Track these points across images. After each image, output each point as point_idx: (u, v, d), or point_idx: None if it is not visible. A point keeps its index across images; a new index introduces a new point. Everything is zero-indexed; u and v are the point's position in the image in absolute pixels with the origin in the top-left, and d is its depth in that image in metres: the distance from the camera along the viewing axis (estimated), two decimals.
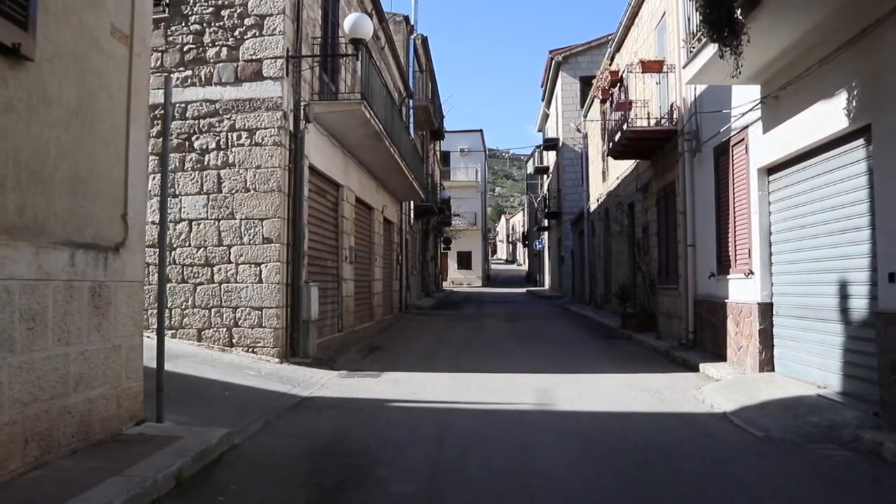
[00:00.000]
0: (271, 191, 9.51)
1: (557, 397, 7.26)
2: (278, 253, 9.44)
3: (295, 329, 9.77)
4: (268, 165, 9.54)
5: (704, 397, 7.09)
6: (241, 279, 9.51)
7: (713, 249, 9.46)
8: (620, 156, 13.36)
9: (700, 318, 10.11)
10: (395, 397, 7.37)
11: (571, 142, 31.12)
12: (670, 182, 11.88)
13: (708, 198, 9.74)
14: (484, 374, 8.84)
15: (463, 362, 9.99)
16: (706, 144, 9.73)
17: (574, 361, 10.06)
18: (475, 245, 51.80)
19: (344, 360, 10.15)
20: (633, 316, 13.65)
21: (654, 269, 13.31)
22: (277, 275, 9.41)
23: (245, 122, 9.65)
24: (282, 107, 9.58)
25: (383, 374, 8.92)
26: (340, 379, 8.54)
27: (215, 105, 9.75)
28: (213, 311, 9.55)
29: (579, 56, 31.85)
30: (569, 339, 13.22)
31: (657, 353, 10.80)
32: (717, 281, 9.34)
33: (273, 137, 9.55)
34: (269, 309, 9.39)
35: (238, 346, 9.45)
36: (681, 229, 11.03)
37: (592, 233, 22.56)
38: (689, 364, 9.24)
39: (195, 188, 9.74)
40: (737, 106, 8.42)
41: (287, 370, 8.82)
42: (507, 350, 11.49)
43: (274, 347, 9.36)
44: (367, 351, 11.35)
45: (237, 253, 9.55)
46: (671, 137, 11.50)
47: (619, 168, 17.05)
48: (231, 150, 9.67)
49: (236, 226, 9.58)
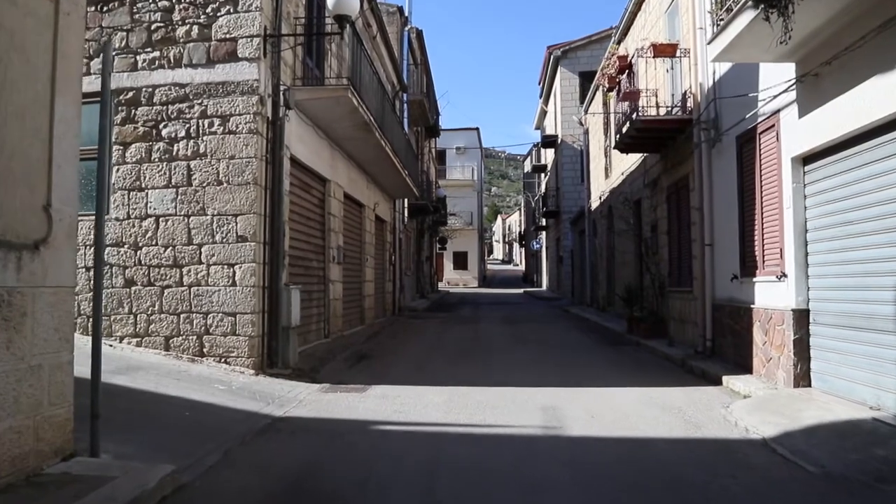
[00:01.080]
0: (246, 183, 8.57)
1: (567, 417, 6.34)
2: (254, 253, 8.51)
3: (273, 337, 8.83)
4: (242, 155, 8.60)
5: (736, 418, 6.18)
6: (212, 282, 8.57)
7: (735, 249, 8.57)
8: (628, 149, 12.46)
9: (719, 325, 9.21)
10: (380, 417, 6.44)
11: (570, 139, 30.26)
12: (683, 176, 10.99)
13: (729, 192, 8.85)
14: (482, 387, 7.92)
15: (459, 373, 9.07)
16: (727, 133, 8.82)
17: (581, 372, 9.16)
18: (471, 245, 50.93)
19: (328, 371, 9.22)
20: (640, 320, 12.75)
21: (663, 271, 12.41)
22: (253, 277, 8.48)
23: (218, 108, 8.71)
24: (258, 91, 8.64)
25: (370, 387, 8.00)
26: (321, 394, 7.60)
27: (185, 89, 8.80)
28: (183, 317, 8.61)
29: (579, 51, 30.97)
30: (573, 346, 12.31)
31: (671, 362, 9.90)
32: (740, 284, 8.44)
33: (248, 124, 8.61)
34: (243, 315, 8.45)
35: (209, 355, 8.51)
36: (696, 227, 10.13)
37: (594, 232, 21.67)
38: (710, 376, 8.34)
39: (163, 181, 8.79)
40: (765, 88, 7.52)
41: (262, 383, 7.89)
42: (506, 358, 10.57)
43: (249, 357, 8.42)
44: (355, 359, 10.43)
45: (208, 253, 8.61)
46: (685, 128, 10.61)
47: (623, 163, 16.16)
48: (202, 138, 8.73)
49: (208, 222, 8.64)
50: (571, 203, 29.42)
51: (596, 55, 29.22)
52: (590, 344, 12.62)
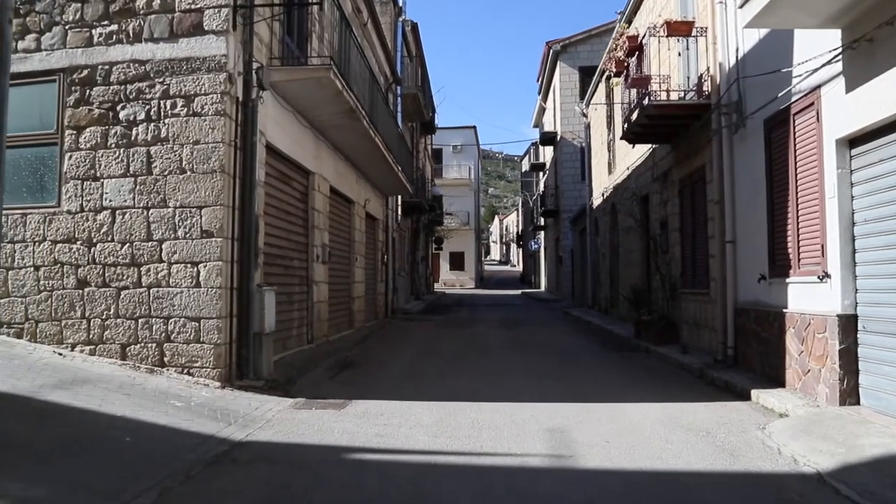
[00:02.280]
0: (212, 172, 7.60)
1: (577, 443, 5.38)
2: (220, 250, 7.54)
3: (243, 344, 7.86)
4: (208, 140, 7.63)
5: (777, 443, 5.24)
6: (174, 282, 7.60)
7: (763, 246, 7.62)
8: (637, 139, 11.52)
9: (743, 331, 8.27)
10: (358, 443, 5.47)
11: (570, 135, 29.35)
12: (698, 168, 10.04)
13: (754, 182, 7.91)
14: (478, 403, 6.96)
15: (452, 385, 8.11)
16: (753, 117, 7.88)
17: (588, 383, 8.20)
18: (468, 245, 49.98)
19: (306, 382, 8.25)
20: (649, 324, 11.80)
21: (675, 271, 11.47)
22: (219, 277, 7.51)
23: (181, 87, 7.74)
24: (226, 67, 7.67)
25: (350, 402, 7.03)
26: (294, 411, 6.63)
27: (145, 66, 7.84)
28: (141, 323, 7.64)
29: (579, 45, 30.07)
30: (577, 352, 11.36)
31: (687, 371, 8.95)
32: (769, 285, 7.50)
33: (215, 105, 7.65)
34: (208, 320, 7.48)
35: (171, 365, 7.54)
36: (714, 223, 9.19)
37: (596, 230, 20.72)
38: (735, 389, 7.40)
39: (120, 169, 7.82)
40: (802, 62, 6.58)
41: (227, 399, 6.92)
42: (505, 367, 9.61)
43: (214, 368, 7.45)
44: (338, 368, 9.45)
45: (170, 249, 7.64)
46: (700, 115, 9.66)
47: (628, 157, 15.22)
48: (164, 121, 7.76)
49: (169, 216, 7.67)
50: (571, 202, 28.50)
51: (597, 50, 28.34)
52: (595, 350, 11.66)
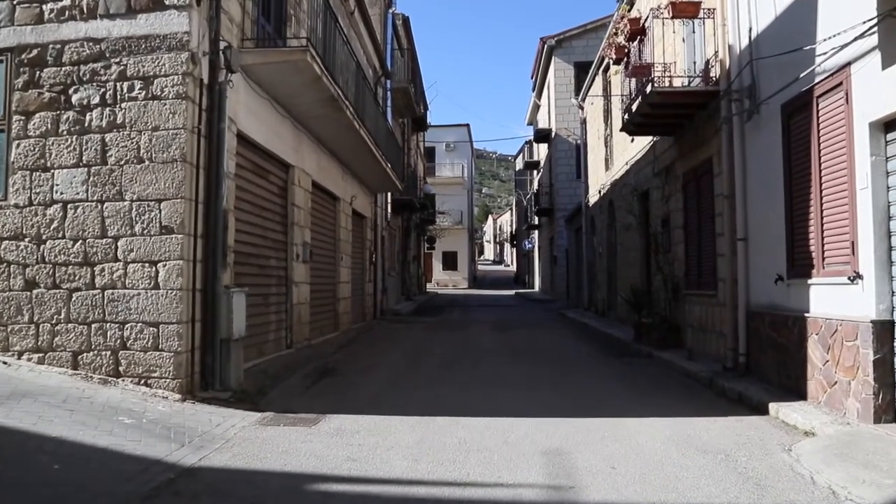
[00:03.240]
0: (172, 161, 6.86)
1: (580, 470, 4.68)
2: (181, 247, 6.79)
3: (208, 352, 7.13)
4: (168, 126, 6.89)
5: (809, 469, 4.55)
6: (131, 283, 6.86)
7: (780, 243, 6.94)
8: (638, 130, 10.85)
9: (756, 336, 7.59)
10: (327, 469, 4.75)
11: (565, 132, 28.72)
12: (704, 160, 9.36)
13: (769, 174, 7.23)
14: (466, 418, 6.25)
15: (439, 396, 7.40)
16: (768, 102, 7.20)
17: (589, 394, 7.51)
18: (461, 245, 49.30)
19: (278, 393, 7.53)
20: (651, 328, 11.13)
21: (678, 271, 10.79)
22: (179, 277, 6.77)
23: (140, 68, 7.00)
24: (189, 46, 6.93)
25: (324, 417, 6.31)
26: (259, 428, 5.90)
27: (101, 45, 7.09)
28: (95, 328, 6.89)
29: (574, 40, 29.46)
30: (574, 358, 10.66)
31: (695, 380, 8.26)
32: (787, 287, 6.82)
33: (176, 88, 6.91)
34: (167, 325, 6.74)
35: (127, 375, 6.79)
36: (722, 218, 8.51)
37: (592, 229, 20.04)
38: (750, 402, 6.71)
39: (72, 158, 7.07)
40: (828, 37, 5.89)
41: (186, 413, 6.18)
42: (497, 375, 8.90)
43: (174, 378, 6.71)
44: (317, 376, 8.72)
45: (126, 247, 6.90)
46: (707, 103, 8.99)
47: (627, 152, 14.55)
48: (121, 105, 7.01)
49: (125, 210, 6.93)
50: (566, 200, 27.86)
51: (592, 45, 27.68)
52: (593, 355, 10.97)
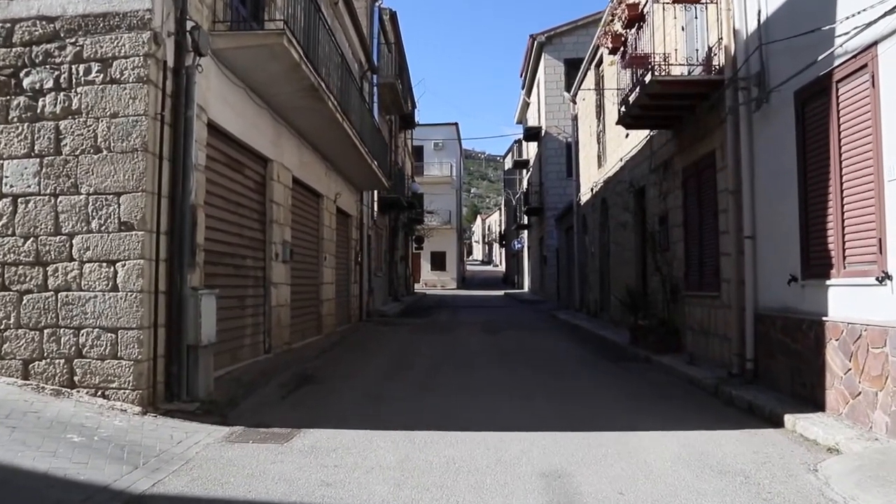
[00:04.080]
0: (132, 150, 6.25)
1: (585, 496, 4.13)
2: (142, 245, 6.19)
3: (173, 359, 6.52)
4: (128, 112, 6.29)
5: (842, 495, 4.03)
6: (87, 285, 6.24)
7: (793, 241, 6.44)
8: (636, 124, 10.34)
9: (766, 341, 7.08)
10: (296, 497, 4.17)
11: (555, 130, 28.25)
12: (706, 154, 8.87)
13: (781, 167, 6.73)
14: (455, 432, 5.69)
15: (425, 407, 6.84)
16: (779, 90, 6.69)
17: (588, 404, 6.97)
18: (450, 245, 48.75)
19: (251, 404, 6.93)
20: (648, 330, 10.62)
21: (677, 271, 10.29)
22: (140, 278, 6.16)
23: (97, 49, 6.39)
24: (151, 25, 6.33)
25: (299, 432, 5.73)
26: (226, 446, 5.31)
27: (55, 24, 6.47)
28: (48, 334, 6.27)
29: (564, 36, 29.00)
30: (569, 362, 10.12)
31: (699, 387, 7.74)
32: (801, 288, 6.31)
33: (137, 71, 6.30)
34: (126, 330, 6.13)
35: (83, 386, 6.18)
36: (726, 216, 8.02)
37: (584, 228, 19.55)
38: (762, 412, 6.20)
39: (23, 148, 6.44)
40: (849, 16, 5.39)
41: (146, 429, 5.58)
42: (488, 382, 8.34)
43: (135, 390, 6.10)
44: (294, 384, 8.13)
45: (82, 245, 6.29)
46: (709, 93, 8.49)
47: (621, 148, 14.05)
48: (76, 90, 6.40)
49: (81, 204, 6.32)
50: (556, 199, 27.39)
51: (583, 41, 27.23)
52: (589, 359, 10.44)
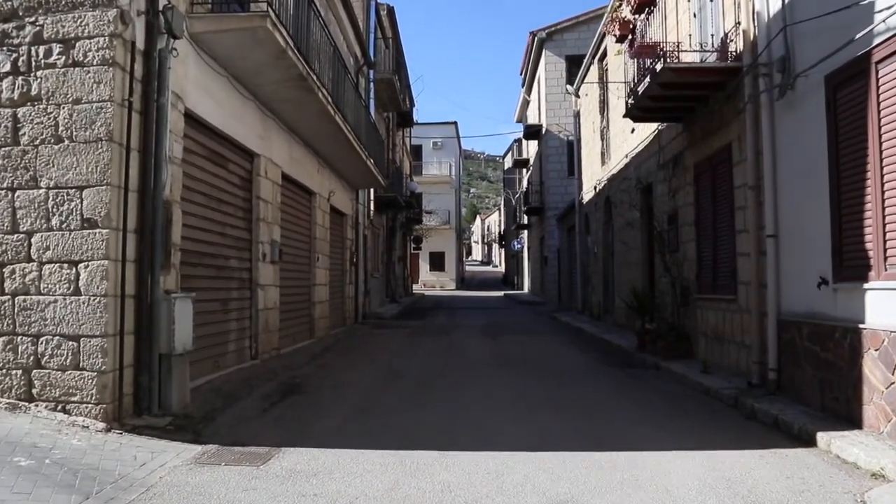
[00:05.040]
0: (96, 140, 5.68)
1: None
2: (106, 245, 5.61)
3: (143, 370, 5.94)
4: (92, 98, 5.71)
5: None
6: (46, 288, 5.67)
7: (823, 240, 5.87)
8: (645, 116, 9.79)
9: (791, 349, 6.51)
10: None
11: (556, 128, 27.69)
12: (721, 148, 8.31)
13: (809, 159, 6.16)
14: (451, 452, 5.11)
15: (418, 421, 6.25)
16: (807, 75, 6.12)
17: (597, 417, 6.39)
18: (448, 245, 48.18)
19: (230, 418, 6.35)
20: (656, 335, 10.05)
21: (688, 272, 9.72)
22: (105, 281, 5.58)
23: (59, 29, 5.82)
24: (118, 2, 5.76)
25: (279, 451, 5.15)
26: (194, 469, 4.73)
27: (12, 2, 5.90)
28: (3, 343, 5.69)
29: (565, 32, 28.43)
30: (574, 370, 9.54)
31: (716, 398, 7.17)
32: (833, 292, 5.74)
33: (101, 52, 5.73)
34: (90, 338, 5.56)
35: (41, 399, 5.61)
36: (746, 213, 7.46)
37: (586, 228, 18.98)
38: (789, 428, 5.62)
39: None
40: None
41: (108, 448, 5.00)
42: (488, 392, 7.75)
43: (99, 403, 5.52)
44: (279, 394, 7.55)
45: (41, 244, 5.71)
46: (725, 83, 7.94)
47: (626, 144, 13.49)
48: (35, 74, 5.83)
49: (41, 199, 5.75)
50: (557, 198, 26.84)
51: (584, 37, 26.70)
52: (594, 366, 9.86)
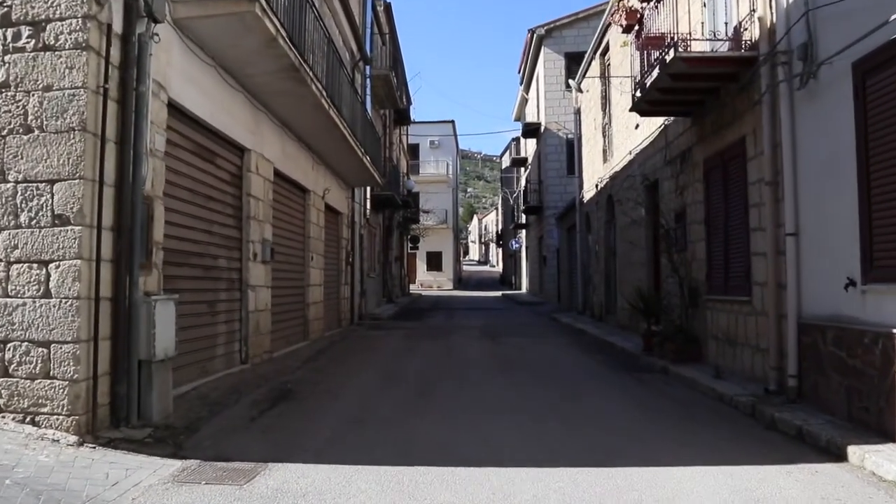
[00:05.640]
0: (69, 130, 5.26)
1: None
2: (79, 243, 5.20)
3: (121, 378, 5.53)
4: (64, 85, 5.30)
5: None
6: (14, 290, 5.26)
7: (851, 238, 5.48)
8: (653, 109, 9.38)
9: (813, 355, 6.12)
10: None
11: (555, 126, 27.32)
12: (734, 142, 7.92)
13: (834, 151, 5.77)
14: (452, 468, 4.71)
15: (417, 432, 5.84)
16: (832, 63, 5.73)
17: (608, 427, 5.98)
18: (446, 245, 47.77)
19: (214, 429, 5.93)
20: (664, 338, 9.65)
21: (697, 272, 9.33)
22: (77, 282, 5.17)
23: (28, 11, 5.40)
24: None
25: (265, 468, 4.73)
26: (171, 488, 4.31)
27: None
28: None
29: (565, 29, 28.08)
30: (580, 375, 9.13)
31: (730, 405, 6.77)
32: (861, 294, 5.36)
33: (74, 35, 5.31)
34: (61, 344, 5.15)
35: (9, 411, 5.20)
36: (762, 210, 7.07)
37: (587, 227, 18.59)
38: (816, 440, 5.24)
39: None
40: None
41: (77, 465, 4.58)
42: (490, 400, 7.34)
43: (71, 415, 5.11)
44: (269, 402, 7.13)
45: (9, 243, 5.30)
46: (737, 73, 7.56)
47: (630, 140, 13.10)
48: (3, 59, 5.42)
49: (8, 194, 5.33)
50: (556, 197, 26.47)
51: (584, 34, 26.34)
52: (600, 371, 9.46)
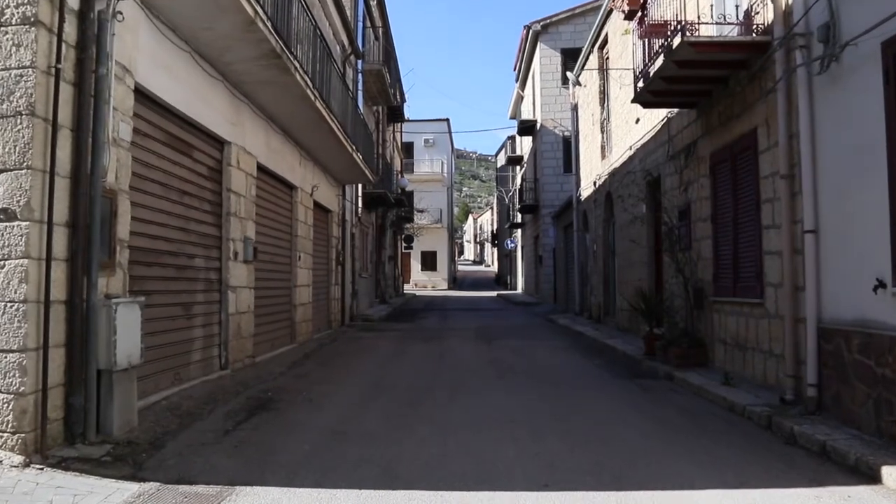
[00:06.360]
0: (15, 114, 4.73)
1: None
2: (26, 240, 4.66)
3: (76, 390, 5.00)
4: (11, 64, 4.77)
5: None
6: None
7: (881, 235, 5.00)
8: (656, 100, 8.88)
9: (836, 362, 5.63)
10: None
11: (551, 123, 26.88)
12: (744, 134, 7.44)
13: (860, 141, 5.28)
14: (443, 494, 4.19)
15: (405, 448, 5.33)
16: (859, 43, 5.24)
17: (612, 442, 5.48)
18: (440, 244, 47.26)
19: (181, 444, 5.40)
20: (668, 342, 9.17)
21: (703, 272, 8.85)
22: (24, 284, 4.64)
23: None
24: None
25: (233, 492, 4.21)
26: None
27: None
28: None
29: (561, 25, 27.64)
30: (580, 381, 8.63)
31: (743, 416, 6.26)
32: (892, 296, 4.87)
33: (22, 9, 4.78)
34: (6, 353, 4.61)
35: None
36: (777, 205, 6.59)
37: (585, 225, 18.11)
38: (843, 458, 4.75)
39: None
40: None
41: (17, 492, 4.05)
42: (485, 411, 6.81)
43: (17, 433, 4.57)
44: (246, 412, 6.60)
45: None
46: (748, 60, 7.08)
47: (630, 135, 12.62)
48: None
49: None
50: (553, 196, 26.00)
51: (580, 30, 25.90)
52: (601, 376, 8.96)
